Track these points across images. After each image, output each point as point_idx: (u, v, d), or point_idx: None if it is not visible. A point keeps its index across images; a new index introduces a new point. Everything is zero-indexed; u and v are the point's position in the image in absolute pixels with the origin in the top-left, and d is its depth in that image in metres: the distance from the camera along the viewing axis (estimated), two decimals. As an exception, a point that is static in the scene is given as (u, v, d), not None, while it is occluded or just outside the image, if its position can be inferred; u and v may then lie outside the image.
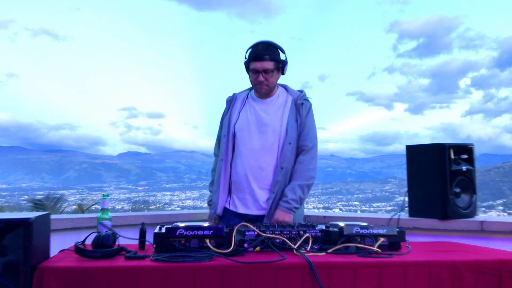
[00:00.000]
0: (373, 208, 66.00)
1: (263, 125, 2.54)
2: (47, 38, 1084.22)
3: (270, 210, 2.46)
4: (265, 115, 2.57)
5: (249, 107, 2.61)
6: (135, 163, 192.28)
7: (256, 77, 2.50)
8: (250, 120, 2.56)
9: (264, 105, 2.60)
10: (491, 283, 1.67)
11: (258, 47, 2.52)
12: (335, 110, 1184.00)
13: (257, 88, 2.55)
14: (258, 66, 2.49)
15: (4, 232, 1.47)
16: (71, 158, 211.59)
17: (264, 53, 2.50)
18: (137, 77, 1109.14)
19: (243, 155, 2.52)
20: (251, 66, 2.51)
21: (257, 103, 2.61)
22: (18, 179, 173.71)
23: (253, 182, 2.49)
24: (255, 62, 2.50)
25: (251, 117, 2.57)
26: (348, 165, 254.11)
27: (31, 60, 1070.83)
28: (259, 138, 2.52)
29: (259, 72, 2.50)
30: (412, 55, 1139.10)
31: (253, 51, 2.53)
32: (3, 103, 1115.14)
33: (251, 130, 2.53)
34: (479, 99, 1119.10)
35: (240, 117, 2.59)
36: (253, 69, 2.50)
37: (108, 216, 2.04)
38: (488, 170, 78.28)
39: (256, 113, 2.57)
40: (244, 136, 2.54)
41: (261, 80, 2.51)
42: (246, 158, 2.51)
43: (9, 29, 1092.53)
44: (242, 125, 2.56)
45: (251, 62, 2.51)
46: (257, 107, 2.59)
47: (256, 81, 2.52)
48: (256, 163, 2.50)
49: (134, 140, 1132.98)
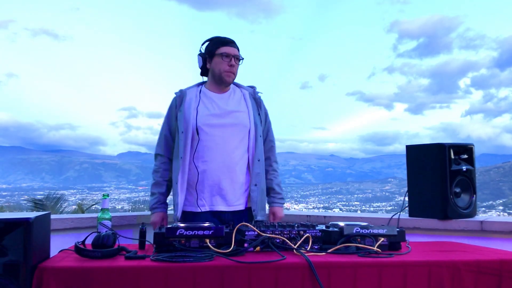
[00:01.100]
0: (373, 208, 66.02)
1: (230, 119, 2.46)
2: (47, 38, 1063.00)
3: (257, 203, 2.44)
4: (230, 108, 2.48)
5: (208, 101, 2.47)
6: (135, 163, 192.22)
7: (229, 61, 2.42)
8: (214, 114, 2.44)
9: (224, 99, 2.51)
10: (491, 283, 1.67)
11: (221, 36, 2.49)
12: (335, 110, 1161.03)
13: (225, 75, 2.44)
14: (230, 51, 2.44)
15: (4, 232, 1.46)
16: (71, 158, 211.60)
17: (232, 40, 2.49)
18: (137, 77, 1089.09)
19: (212, 151, 2.39)
20: (221, 50, 2.42)
21: (216, 96, 2.50)
22: (18, 179, 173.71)
23: (227, 177, 2.39)
24: (226, 47, 2.44)
25: (214, 111, 2.45)
26: (348, 165, 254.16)
27: (31, 60, 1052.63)
28: (228, 132, 2.43)
29: (230, 56, 2.43)
30: (412, 55, 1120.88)
31: (219, 38, 2.48)
32: (3, 103, 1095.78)
33: (219, 124, 2.42)
34: (479, 99, 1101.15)
35: (200, 111, 2.42)
36: (225, 53, 2.42)
37: (108, 216, 2.04)
38: (488, 170, 78.28)
39: (219, 106, 2.47)
40: (211, 131, 2.40)
41: (234, 64, 2.44)
42: (215, 153, 2.39)
43: (9, 29, 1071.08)
44: (207, 119, 2.41)
45: (220, 47, 2.43)
46: (217, 100, 2.48)
47: (227, 67, 2.42)
48: (228, 157, 2.40)
49: (134, 140, 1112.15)
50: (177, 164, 2.42)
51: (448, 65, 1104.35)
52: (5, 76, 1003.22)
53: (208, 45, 2.48)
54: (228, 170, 2.40)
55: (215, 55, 2.43)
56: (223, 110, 2.46)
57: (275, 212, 2.58)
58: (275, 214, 2.58)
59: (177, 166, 2.41)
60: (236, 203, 2.43)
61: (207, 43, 2.50)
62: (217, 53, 2.43)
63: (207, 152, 2.39)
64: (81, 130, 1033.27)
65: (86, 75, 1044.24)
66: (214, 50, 2.44)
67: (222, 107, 2.47)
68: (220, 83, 2.49)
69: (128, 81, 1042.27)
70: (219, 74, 2.44)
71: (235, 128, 2.45)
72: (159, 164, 2.53)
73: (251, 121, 2.48)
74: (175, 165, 2.44)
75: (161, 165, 2.52)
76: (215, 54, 2.43)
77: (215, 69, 2.45)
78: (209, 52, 2.45)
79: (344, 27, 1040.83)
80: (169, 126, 2.53)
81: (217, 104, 2.47)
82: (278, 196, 2.59)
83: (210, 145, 2.39)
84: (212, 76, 2.50)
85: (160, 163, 2.53)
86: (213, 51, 2.44)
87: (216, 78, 2.48)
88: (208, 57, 2.46)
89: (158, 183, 2.52)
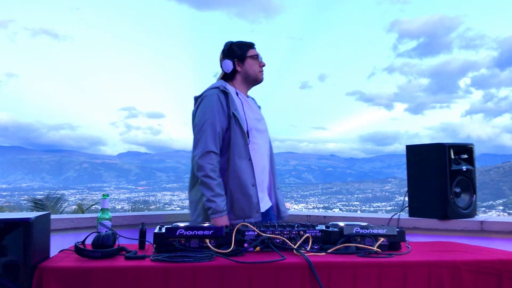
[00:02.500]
0: (373, 208, 66.02)
1: (262, 123, 2.56)
2: (47, 38, 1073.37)
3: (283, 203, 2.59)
4: (258, 113, 2.58)
5: (247, 105, 2.53)
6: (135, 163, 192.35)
7: (260, 62, 2.53)
8: (256, 118, 2.52)
9: (252, 104, 2.59)
10: (491, 283, 1.67)
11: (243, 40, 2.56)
12: (335, 110, 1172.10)
13: (260, 75, 2.54)
14: (257, 52, 2.54)
15: (4, 232, 1.47)
16: (71, 158, 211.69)
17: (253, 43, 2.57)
18: (137, 77, 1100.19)
19: (258, 154, 2.46)
20: (251, 52, 2.52)
21: (248, 101, 2.56)
22: (18, 179, 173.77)
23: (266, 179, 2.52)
24: (254, 49, 2.55)
25: (256, 115, 2.53)
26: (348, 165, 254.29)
27: (31, 60, 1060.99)
28: (265, 136, 2.54)
29: (259, 58, 2.54)
30: (412, 55, 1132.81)
31: (243, 42, 2.55)
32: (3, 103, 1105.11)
33: (257, 129, 2.49)
34: (479, 99, 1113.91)
35: (247, 114, 2.46)
36: (255, 55, 2.52)
37: (108, 216, 2.04)
38: (488, 170, 78.29)
39: (255, 112, 2.55)
40: (256, 135, 2.47)
41: (264, 64, 2.54)
42: (261, 156, 2.48)
43: (9, 28, 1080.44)
44: (254, 124, 2.47)
45: (249, 49, 2.52)
46: (251, 105, 2.56)
47: (260, 67, 2.53)
48: (266, 161, 2.53)
49: (134, 140, 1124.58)
50: (247, 164, 2.37)
51: (448, 65, 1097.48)
52: (5, 76, 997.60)
53: (235, 50, 2.52)
54: (266, 173, 2.52)
55: (247, 57, 2.51)
56: (258, 114, 2.56)
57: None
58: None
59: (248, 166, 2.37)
60: (268, 203, 2.52)
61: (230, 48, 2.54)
62: (249, 55, 2.51)
63: (255, 155, 2.44)
64: (81, 130, 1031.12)
65: (86, 75, 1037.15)
66: (245, 53, 2.51)
67: (256, 112, 2.56)
68: (252, 84, 2.58)
69: (128, 81, 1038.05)
70: (254, 74, 2.53)
71: (266, 133, 2.56)
72: (216, 163, 2.35)
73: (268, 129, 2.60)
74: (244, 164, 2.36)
75: (217, 164, 2.35)
76: (247, 57, 2.51)
77: (249, 70, 2.52)
78: (239, 56, 2.51)
79: (344, 27, 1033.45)
80: (220, 122, 2.37)
81: (251, 108, 2.54)
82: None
83: (256, 148, 2.46)
84: (244, 78, 2.54)
85: (216, 162, 2.35)
86: (243, 54, 2.51)
87: (250, 80, 2.54)
88: (238, 60, 2.51)
89: (221, 184, 2.34)
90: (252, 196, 2.35)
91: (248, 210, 2.34)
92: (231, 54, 2.51)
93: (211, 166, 2.32)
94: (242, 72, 2.52)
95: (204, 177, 2.32)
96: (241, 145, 2.36)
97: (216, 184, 2.31)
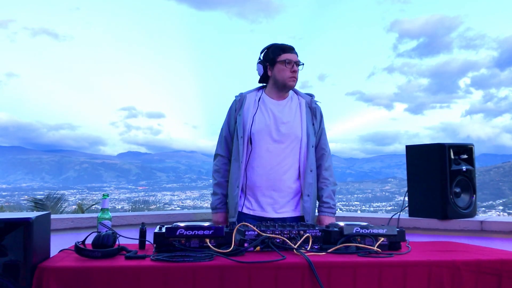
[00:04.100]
0: (373, 208, 66.00)
1: (283, 128, 2.50)
2: (47, 38, 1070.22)
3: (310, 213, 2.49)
4: (285, 118, 2.52)
5: (265, 109, 2.53)
6: (135, 163, 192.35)
7: (291, 67, 2.47)
8: (269, 123, 2.49)
9: (281, 107, 2.55)
10: (491, 283, 1.67)
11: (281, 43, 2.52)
12: (335, 110, 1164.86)
13: (290, 81, 2.48)
14: (291, 57, 2.48)
15: (4, 232, 1.47)
16: (71, 158, 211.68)
17: (292, 47, 2.52)
18: (137, 77, 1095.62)
19: (263, 158, 2.45)
20: (284, 57, 2.46)
21: (274, 104, 2.54)
22: (18, 179, 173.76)
23: (273, 184, 2.46)
24: (288, 53, 2.49)
25: (269, 119, 2.50)
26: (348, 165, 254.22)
27: (31, 60, 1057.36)
28: (280, 141, 2.48)
29: (292, 63, 2.47)
30: (412, 55, 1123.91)
31: (279, 45, 2.51)
32: (3, 103, 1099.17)
33: (271, 133, 2.47)
34: (479, 99, 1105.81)
35: (256, 119, 2.49)
36: (287, 60, 2.46)
37: (108, 216, 2.04)
38: (488, 170, 78.28)
39: (274, 115, 2.51)
40: (264, 138, 2.46)
41: (296, 70, 2.49)
42: (266, 161, 2.45)
43: (9, 28, 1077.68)
44: (261, 128, 2.47)
45: (282, 54, 2.47)
46: (274, 108, 2.53)
47: (290, 72, 2.47)
48: (278, 166, 2.45)
49: (134, 140, 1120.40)
50: (235, 167, 2.50)
51: (448, 65, 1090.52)
52: (5, 76, 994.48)
53: (268, 53, 2.51)
54: (276, 179, 2.45)
55: (277, 62, 2.47)
56: (278, 119, 2.50)
57: (320, 221, 2.58)
58: (320, 222, 2.58)
59: (235, 169, 2.50)
60: (282, 210, 2.47)
61: (265, 51, 2.53)
62: (279, 60, 2.47)
63: (258, 160, 2.45)
64: (81, 130, 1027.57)
65: (86, 75, 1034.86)
66: (276, 57, 2.47)
67: (277, 116, 2.51)
68: (282, 89, 2.54)
69: (127, 80, 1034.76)
70: (283, 80, 2.48)
71: (287, 137, 2.49)
72: (220, 164, 2.61)
73: (303, 131, 2.52)
74: (234, 167, 2.51)
75: (222, 166, 2.60)
76: (277, 61, 2.47)
77: (278, 75, 2.49)
78: (271, 60, 2.49)
79: (344, 26, 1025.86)
80: (228, 127, 2.60)
81: (273, 112, 2.51)
82: (325, 205, 2.59)
83: (261, 153, 2.46)
84: (274, 83, 2.53)
85: (221, 164, 2.61)
86: (274, 58, 2.48)
87: (279, 85, 2.52)
88: (270, 64, 2.50)
89: (221, 183, 2.59)
90: (234, 197, 2.49)
91: (233, 210, 2.50)
92: (265, 58, 2.52)
93: (215, 167, 2.63)
94: (272, 77, 2.53)
95: (212, 177, 2.64)
96: (235, 148, 2.52)
97: (215, 184, 2.61)
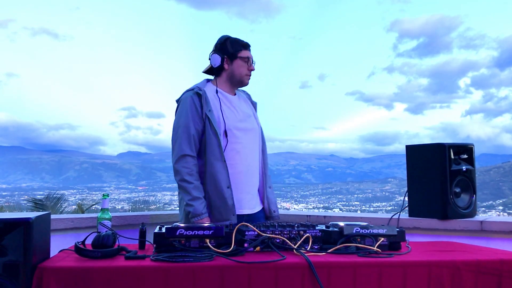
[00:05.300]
0: (373, 208, 66.02)
1: (249, 122, 2.50)
2: (47, 38, 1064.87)
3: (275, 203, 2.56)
4: (247, 113, 2.52)
5: (228, 102, 2.46)
6: (135, 163, 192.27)
7: (249, 66, 2.46)
8: (239, 117, 2.45)
9: (237, 101, 2.52)
10: (491, 283, 1.67)
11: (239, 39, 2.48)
12: (335, 110, 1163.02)
13: (246, 78, 2.48)
14: (250, 55, 2.48)
15: (4, 232, 1.47)
16: (71, 158, 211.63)
17: (249, 44, 2.50)
18: (137, 76, 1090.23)
19: (239, 155, 2.40)
20: (245, 54, 2.45)
21: (232, 98, 2.50)
22: (18, 179, 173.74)
23: (251, 180, 2.46)
24: (248, 51, 2.48)
25: (237, 114, 2.45)
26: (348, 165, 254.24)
27: (31, 60, 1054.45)
28: (250, 136, 2.48)
29: (250, 61, 2.47)
30: (412, 55, 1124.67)
31: (239, 41, 2.48)
32: (3, 103, 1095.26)
33: (242, 128, 2.44)
34: (479, 98, 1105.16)
35: (226, 114, 2.39)
36: (246, 57, 2.45)
37: (108, 216, 2.04)
38: (488, 170, 78.30)
39: (238, 109, 2.48)
40: (238, 134, 2.41)
41: (253, 69, 2.48)
42: (241, 157, 2.40)
43: (9, 28, 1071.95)
44: (234, 123, 2.41)
45: (243, 50, 2.45)
46: (234, 103, 2.49)
47: (248, 71, 2.47)
48: (252, 161, 2.47)
49: (134, 140, 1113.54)
50: (222, 166, 2.32)
51: (448, 65, 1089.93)
52: (5, 76, 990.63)
53: (227, 47, 2.44)
54: (252, 174, 2.46)
55: (237, 57, 2.44)
56: (243, 113, 2.48)
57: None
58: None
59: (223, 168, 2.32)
60: (256, 205, 2.50)
61: (223, 43, 2.46)
62: (240, 56, 2.44)
63: (235, 156, 2.38)
64: (81, 130, 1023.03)
65: (86, 75, 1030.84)
66: (236, 52, 2.43)
67: (241, 110, 2.48)
68: (236, 85, 2.52)
69: (127, 80, 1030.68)
70: (240, 76, 2.46)
71: (253, 132, 2.50)
72: (191, 166, 2.32)
73: (258, 124, 2.57)
74: (219, 167, 2.32)
75: (193, 167, 2.33)
76: (237, 57, 2.44)
77: (236, 71, 2.45)
78: (230, 54, 2.43)
79: (344, 26, 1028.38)
80: (195, 125, 2.35)
81: (234, 106, 2.47)
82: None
83: (238, 148, 2.39)
84: (230, 78, 2.48)
85: (192, 165, 2.32)
86: (235, 53, 2.43)
87: (234, 80, 2.48)
88: (228, 58, 2.44)
89: (198, 187, 2.31)
90: (227, 199, 2.31)
91: (224, 213, 2.31)
92: (223, 50, 2.44)
93: (187, 169, 2.31)
94: (228, 71, 2.46)
95: (181, 181, 2.31)
96: (215, 147, 2.32)
97: (192, 188, 2.29)
